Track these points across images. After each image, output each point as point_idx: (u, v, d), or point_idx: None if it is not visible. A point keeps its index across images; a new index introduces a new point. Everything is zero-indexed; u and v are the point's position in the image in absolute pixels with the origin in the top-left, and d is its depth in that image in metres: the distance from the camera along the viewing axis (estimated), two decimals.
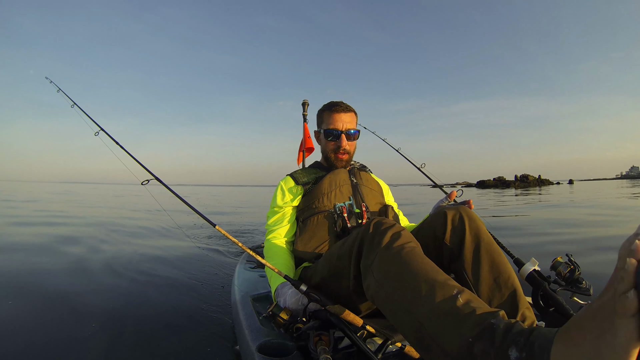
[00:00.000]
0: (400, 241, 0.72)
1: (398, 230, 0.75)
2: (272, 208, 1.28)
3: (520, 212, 6.84)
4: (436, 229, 0.91)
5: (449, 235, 0.88)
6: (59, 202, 10.22)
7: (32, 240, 3.51)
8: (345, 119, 1.30)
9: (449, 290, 0.60)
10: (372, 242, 0.75)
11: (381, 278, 0.69)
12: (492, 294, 0.79)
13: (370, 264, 0.73)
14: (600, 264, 2.38)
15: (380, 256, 0.71)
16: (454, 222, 0.88)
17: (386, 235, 0.74)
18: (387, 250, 0.71)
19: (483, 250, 0.84)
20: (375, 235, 0.75)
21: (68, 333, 1.41)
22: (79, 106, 1.47)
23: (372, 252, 0.74)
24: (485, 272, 0.82)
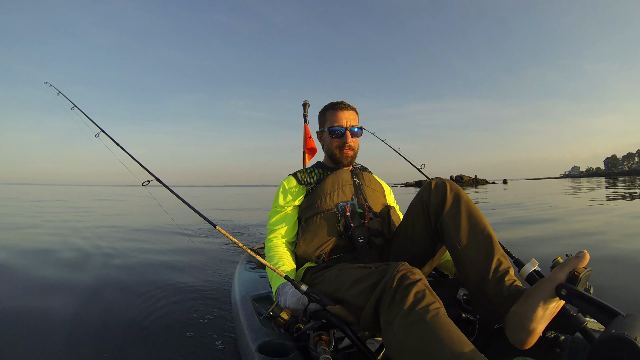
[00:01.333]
0: (424, 302, 0.69)
1: (422, 288, 0.72)
2: (274, 208, 1.28)
3: None
4: (423, 194, 1.03)
5: (433, 195, 0.99)
6: (62, 204, 10.24)
7: (31, 241, 3.51)
8: (349, 117, 1.31)
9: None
10: (394, 297, 0.73)
11: (402, 340, 0.67)
12: (470, 242, 0.89)
13: (391, 321, 0.71)
14: None
15: (402, 316, 0.69)
16: (437, 186, 1.00)
17: (410, 294, 0.71)
18: (411, 311, 0.69)
19: (462, 205, 0.94)
20: (398, 291, 0.73)
21: (68, 333, 1.41)
22: (79, 108, 1.47)
23: (394, 309, 0.72)
24: (464, 222, 0.92)
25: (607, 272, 2.23)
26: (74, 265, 2.57)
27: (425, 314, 0.67)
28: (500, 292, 0.81)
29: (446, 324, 0.66)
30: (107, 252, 3.10)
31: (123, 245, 3.45)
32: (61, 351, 1.27)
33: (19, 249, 3.13)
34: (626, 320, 0.62)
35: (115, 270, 2.44)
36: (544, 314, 0.73)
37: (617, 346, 0.57)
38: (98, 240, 3.72)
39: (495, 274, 0.84)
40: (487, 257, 0.87)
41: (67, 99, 1.54)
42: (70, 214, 7.04)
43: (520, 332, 0.74)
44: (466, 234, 0.91)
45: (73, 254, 2.96)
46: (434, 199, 0.99)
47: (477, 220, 0.93)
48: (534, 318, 0.73)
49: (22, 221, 5.60)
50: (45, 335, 1.39)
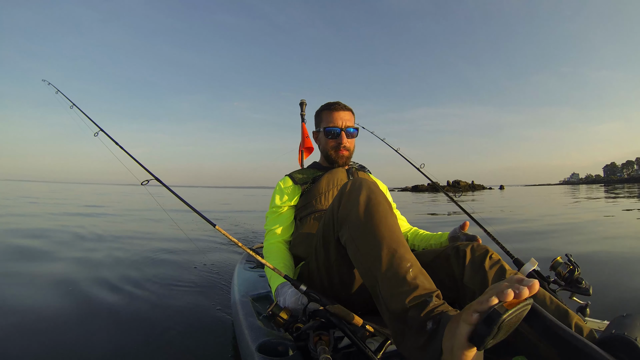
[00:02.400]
0: (374, 200, 0.81)
1: (373, 188, 0.84)
2: (271, 208, 1.28)
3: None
4: (453, 268, 0.89)
5: (468, 276, 0.85)
6: (61, 204, 10.21)
7: (30, 241, 3.50)
8: (345, 117, 1.31)
9: (404, 263, 0.71)
10: (350, 196, 0.84)
11: (353, 234, 0.79)
12: None
13: (346, 216, 0.82)
14: None
15: (356, 213, 0.80)
16: (474, 262, 0.86)
17: (362, 193, 0.82)
18: (365, 208, 0.80)
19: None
20: (352, 191, 0.84)
21: (66, 332, 1.41)
22: (78, 107, 1.47)
23: (350, 204, 0.82)
24: None
25: (608, 271, 2.24)
26: (72, 265, 2.56)
27: (375, 210, 0.79)
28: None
29: (390, 221, 0.79)
30: (106, 251, 3.09)
31: (121, 245, 3.44)
32: (60, 351, 1.27)
33: (15, 249, 3.13)
34: (626, 320, 0.62)
35: (113, 269, 2.43)
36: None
37: (617, 346, 0.58)
38: (97, 240, 3.71)
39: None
40: None
41: (66, 97, 1.53)
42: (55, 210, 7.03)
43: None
44: None
45: (70, 253, 2.95)
46: (468, 279, 0.87)
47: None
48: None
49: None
50: (42, 334, 1.39)
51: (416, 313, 0.64)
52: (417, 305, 0.64)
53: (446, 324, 0.58)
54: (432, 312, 0.62)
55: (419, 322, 0.62)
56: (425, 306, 0.64)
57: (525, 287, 0.48)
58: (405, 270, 0.69)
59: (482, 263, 0.85)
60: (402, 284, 0.68)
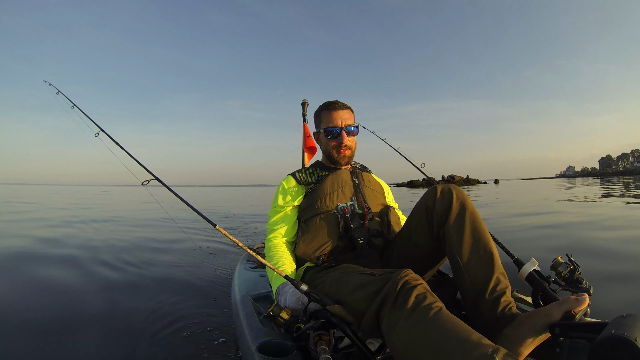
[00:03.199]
0: (426, 302, 0.69)
1: (423, 291, 0.72)
2: (274, 207, 1.28)
3: None
4: (427, 199, 1.01)
5: (438, 204, 0.97)
6: (63, 205, 10.23)
7: (30, 241, 3.51)
8: (344, 116, 1.30)
9: (483, 349, 0.58)
10: (396, 301, 0.72)
11: (407, 340, 0.67)
12: (471, 257, 0.89)
13: (394, 325, 0.70)
14: None
15: (405, 318, 0.69)
16: (443, 193, 0.98)
17: (411, 297, 0.71)
18: (413, 311, 0.69)
19: (467, 217, 0.93)
20: (399, 295, 0.73)
21: (65, 332, 1.41)
22: (79, 107, 1.47)
23: (396, 312, 0.71)
24: (467, 236, 0.91)
25: (609, 271, 2.24)
26: (71, 265, 2.56)
27: (427, 311, 0.68)
28: (494, 313, 0.82)
29: (449, 317, 0.66)
30: (105, 251, 3.09)
31: (122, 245, 3.44)
32: (59, 350, 1.27)
33: (15, 249, 3.13)
34: (626, 320, 0.62)
35: (113, 269, 2.44)
36: (532, 342, 0.75)
37: (617, 346, 0.58)
38: (96, 240, 3.71)
39: (492, 293, 0.84)
40: (487, 274, 0.86)
41: (67, 98, 1.54)
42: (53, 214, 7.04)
43: None
44: (469, 248, 0.90)
45: (70, 253, 2.96)
46: (439, 206, 0.97)
47: (480, 235, 0.91)
48: (522, 344, 0.75)
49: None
50: (42, 333, 1.39)
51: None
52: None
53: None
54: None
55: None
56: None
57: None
58: (490, 357, 0.61)
59: (450, 194, 0.97)
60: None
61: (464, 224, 0.92)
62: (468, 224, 0.92)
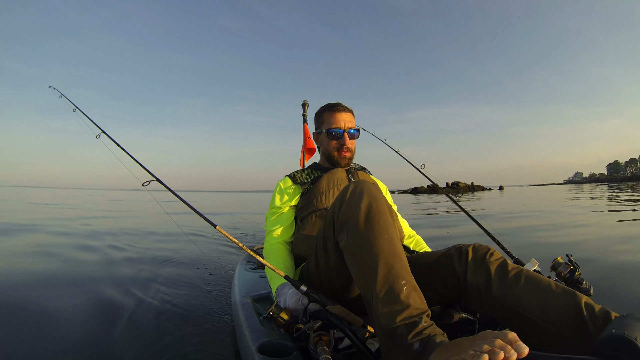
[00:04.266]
0: (375, 208, 0.79)
1: (376, 195, 0.82)
2: (271, 209, 1.28)
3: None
4: (456, 266, 0.90)
5: (471, 273, 0.87)
6: (67, 208, 10.24)
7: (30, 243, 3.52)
8: (347, 118, 1.32)
9: (399, 280, 0.71)
10: (351, 201, 0.82)
11: (352, 242, 0.78)
12: None
13: (346, 221, 0.81)
14: None
15: (356, 220, 0.79)
16: (476, 259, 0.88)
17: (364, 199, 0.81)
18: (365, 217, 0.78)
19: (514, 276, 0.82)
20: (354, 196, 0.83)
21: (65, 331, 1.41)
22: (81, 110, 1.48)
23: (350, 210, 0.81)
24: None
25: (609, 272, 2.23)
26: (71, 264, 2.56)
27: (376, 218, 0.78)
28: None
29: (390, 232, 0.77)
30: (106, 251, 3.10)
31: (122, 245, 3.45)
32: (59, 350, 1.27)
33: (19, 247, 3.14)
34: (626, 320, 0.62)
35: (113, 269, 2.44)
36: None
37: (617, 346, 0.57)
38: (97, 240, 3.72)
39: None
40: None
41: (69, 101, 1.55)
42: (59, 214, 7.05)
43: None
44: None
45: (71, 253, 2.96)
46: (472, 277, 0.88)
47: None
48: None
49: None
50: (41, 332, 1.39)
51: (405, 332, 0.64)
52: (407, 325, 0.65)
53: (432, 350, 0.59)
54: (420, 334, 0.63)
55: (407, 342, 0.63)
56: (414, 327, 0.64)
57: (515, 353, 0.50)
58: (400, 288, 0.69)
59: (484, 259, 0.87)
60: (394, 302, 0.68)
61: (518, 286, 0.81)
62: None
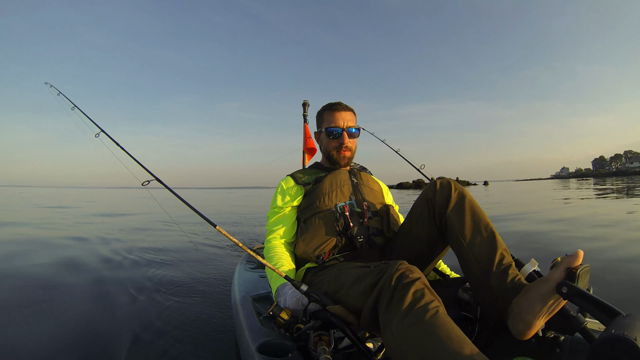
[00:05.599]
0: (423, 301, 0.68)
1: (421, 287, 0.72)
2: (272, 209, 1.28)
3: None
4: (428, 193, 1.05)
5: (438, 194, 1.02)
6: (66, 208, 10.23)
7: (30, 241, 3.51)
8: (347, 117, 1.31)
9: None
10: (393, 297, 0.72)
11: (401, 341, 0.66)
12: (474, 238, 0.93)
13: (389, 321, 0.70)
14: None
15: (401, 316, 0.68)
16: (442, 185, 1.03)
17: (408, 293, 0.70)
18: (409, 311, 0.68)
19: (466, 203, 0.98)
20: (396, 290, 0.72)
21: (65, 331, 1.41)
22: (79, 108, 1.48)
23: (392, 309, 0.71)
24: (468, 219, 0.95)
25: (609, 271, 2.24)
26: (72, 264, 2.56)
27: (423, 313, 0.66)
28: (504, 284, 0.84)
29: (445, 323, 0.65)
30: (106, 251, 3.10)
31: (122, 245, 3.44)
32: (59, 349, 1.27)
33: (20, 249, 3.13)
34: (626, 320, 0.62)
35: (114, 269, 2.44)
36: (543, 309, 0.76)
37: (617, 346, 0.57)
38: (96, 240, 3.71)
39: (499, 267, 0.87)
40: (491, 251, 0.90)
41: (68, 99, 1.54)
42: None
43: (519, 324, 0.77)
44: (470, 230, 0.94)
45: (71, 253, 2.96)
46: (439, 197, 1.02)
47: (480, 217, 0.96)
48: (532, 311, 0.76)
49: None
50: (42, 332, 1.39)
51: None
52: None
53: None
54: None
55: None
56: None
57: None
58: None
59: (449, 186, 1.02)
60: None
61: (463, 209, 0.97)
62: (467, 208, 0.97)
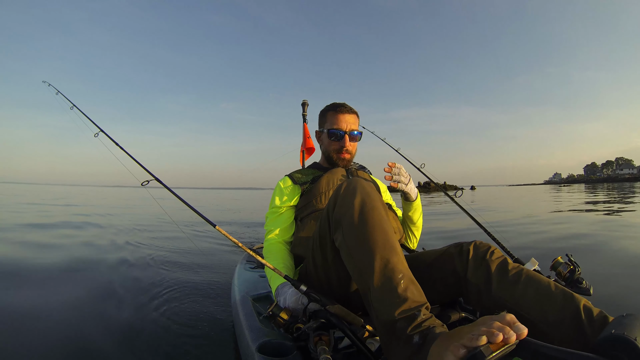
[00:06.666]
0: (369, 204, 0.80)
1: (369, 191, 0.83)
2: (271, 209, 1.28)
3: None
4: (456, 264, 0.91)
5: (471, 271, 0.88)
6: (64, 207, 10.22)
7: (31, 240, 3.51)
8: (350, 120, 1.31)
9: (396, 274, 0.70)
10: (345, 199, 0.83)
11: (347, 238, 0.78)
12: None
13: (340, 219, 0.81)
14: None
15: (350, 217, 0.79)
16: (477, 257, 0.89)
17: (357, 196, 0.81)
18: (359, 213, 0.79)
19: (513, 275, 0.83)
20: (347, 194, 0.83)
21: (65, 331, 1.41)
22: (79, 108, 1.47)
23: (344, 208, 0.81)
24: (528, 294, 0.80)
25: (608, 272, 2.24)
26: (72, 264, 2.56)
27: (370, 212, 0.79)
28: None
29: (384, 225, 0.78)
30: (105, 251, 3.09)
31: (122, 245, 3.44)
32: (59, 349, 1.27)
33: (17, 246, 3.13)
34: (626, 320, 0.62)
35: (113, 270, 2.44)
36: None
37: (617, 346, 0.57)
38: (96, 240, 3.71)
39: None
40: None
41: (66, 98, 1.54)
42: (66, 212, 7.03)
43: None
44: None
45: (71, 253, 2.96)
46: (472, 273, 0.90)
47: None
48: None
49: None
50: (41, 332, 1.39)
51: (404, 325, 0.64)
52: (405, 318, 0.65)
53: (432, 342, 0.58)
54: (419, 327, 0.63)
55: (407, 334, 0.63)
56: (413, 320, 0.64)
57: (514, 333, 0.50)
58: (397, 282, 0.69)
59: (485, 257, 0.88)
60: (392, 296, 0.68)
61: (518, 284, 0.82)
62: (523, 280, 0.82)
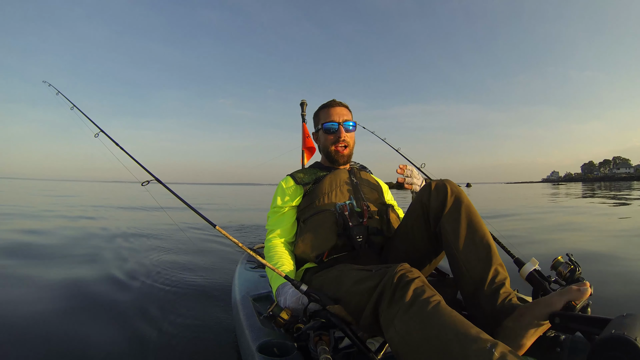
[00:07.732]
0: (424, 295, 0.69)
1: (421, 285, 0.72)
2: (272, 208, 1.28)
3: None
4: (422, 196, 1.01)
5: (433, 198, 0.97)
6: (63, 202, 10.22)
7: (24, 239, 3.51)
8: (341, 112, 1.32)
9: (482, 344, 0.57)
10: (394, 295, 0.72)
11: (405, 333, 0.66)
12: (468, 249, 0.89)
13: (392, 318, 0.70)
14: None
15: (403, 310, 0.69)
16: (437, 188, 0.98)
17: (409, 290, 0.71)
18: (412, 304, 0.68)
19: (462, 210, 0.93)
20: (397, 289, 0.73)
21: (65, 331, 1.41)
22: (79, 108, 1.47)
23: (394, 306, 0.71)
24: (463, 229, 0.91)
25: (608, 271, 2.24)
26: (71, 264, 2.56)
27: (426, 305, 0.67)
28: (494, 305, 0.82)
29: (448, 311, 0.65)
30: (105, 251, 3.09)
31: (121, 245, 3.44)
32: (60, 349, 1.27)
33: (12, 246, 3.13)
34: (626, 320, 0.62)
35: (113, 270, 2.44)
36: (534, 333, 0.76)
37: (617, 346, 0.57)
38: (96, 240, 3.71)
39: (491, 285, 0.84)
40: (485, 266, 0.86)
41: (67, 99, 1.54)
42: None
43: (508, 345, 0.74)
44: (464, 241, 0.90)
45: (70, 253, 2.96)
46: (433, 201, 0.98)
47: (476, 227, 0.92)
48: (524, 335, 0.75)
49: None
50: (41, 332, 1.39)
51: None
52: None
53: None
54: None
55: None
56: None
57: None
58: (488, 352, 0.58)
59: (445, 189, 0.97)
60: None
61: (459, 217, 0.92)
62: (463, 216, 0.92)
